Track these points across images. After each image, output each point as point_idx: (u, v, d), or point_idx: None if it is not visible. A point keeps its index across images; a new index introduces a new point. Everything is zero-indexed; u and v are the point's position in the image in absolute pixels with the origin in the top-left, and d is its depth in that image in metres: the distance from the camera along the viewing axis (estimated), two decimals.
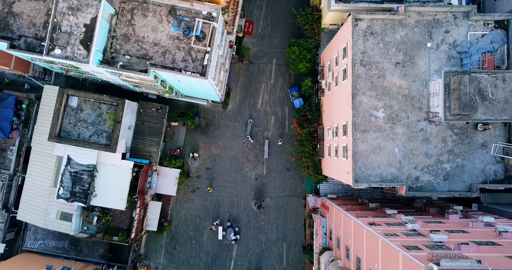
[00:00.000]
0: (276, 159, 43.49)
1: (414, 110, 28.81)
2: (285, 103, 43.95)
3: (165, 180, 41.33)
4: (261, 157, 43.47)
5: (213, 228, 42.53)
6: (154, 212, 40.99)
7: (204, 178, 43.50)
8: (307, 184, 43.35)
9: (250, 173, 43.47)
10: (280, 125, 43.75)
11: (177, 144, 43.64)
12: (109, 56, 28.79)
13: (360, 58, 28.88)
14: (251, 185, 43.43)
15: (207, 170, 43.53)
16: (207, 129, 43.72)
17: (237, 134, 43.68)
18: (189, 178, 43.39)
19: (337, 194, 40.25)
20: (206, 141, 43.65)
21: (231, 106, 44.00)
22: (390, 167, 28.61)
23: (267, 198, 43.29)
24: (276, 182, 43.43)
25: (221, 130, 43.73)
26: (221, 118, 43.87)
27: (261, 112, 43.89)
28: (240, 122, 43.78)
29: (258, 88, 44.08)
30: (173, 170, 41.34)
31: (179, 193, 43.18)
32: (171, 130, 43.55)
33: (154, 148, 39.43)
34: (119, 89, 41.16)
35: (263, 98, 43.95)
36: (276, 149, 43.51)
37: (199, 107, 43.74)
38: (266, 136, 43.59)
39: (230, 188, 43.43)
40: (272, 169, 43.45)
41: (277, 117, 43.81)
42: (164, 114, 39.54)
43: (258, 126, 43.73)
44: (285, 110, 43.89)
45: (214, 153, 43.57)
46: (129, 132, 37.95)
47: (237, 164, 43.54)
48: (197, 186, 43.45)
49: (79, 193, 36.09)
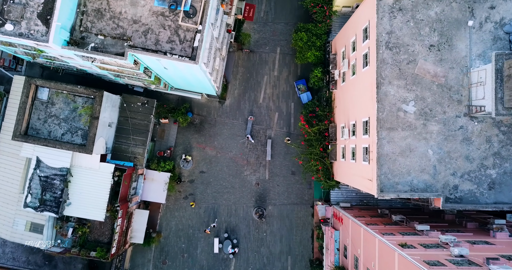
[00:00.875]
0: (280, 162, 38.17)
1: (452, 104, 23.49)
2: (290, 98, 38.61)
3: (153, 185, 36.04)
4: (263, 159, 38.15)
5: (207, 232, 37.21)
6: (140, 222, 35.68)
7: (198, 183, 38.18)
8: (315, 190, 38.04)
9: (250, 177, 38.16)
10: (285, 122, 38.42)
11: (167, 144, 38.34)
12: (78, 35, 23.48)
13: (386, 40, 23.56)
14: (251, 191, 38.12)
15: (202, 174, 38.23)
16: (201, 127, 38.40)
17: (235, 133, 38.37)
18: (181, 183, 38.07)
19: (350, 202, 34.92)
20: (200, 140, 38.35)
21: (229, 101, 38.68)
22: (423, 174, 23.29)
23: (270, 206, 37.97)
24: (280, 188, 38.11)
25: (217, 128, 38.41)
26: (218, 114, 38.55)
27: (263, 108, 38.56)
28: (239, 119, 38.47)
29: (260, 81, 38.74)
30: (162, 174, 36.03)
31: (169, 200, 37.88)
32: (161, 128, 38.26)
33: (140, 149, 34.12)
34: (102, 82, 35.86)
35: (266, 92, 38.63)
36: (281, 150, 38.19)
37: (193, 102, 38.44)
38: (269, 136, 38.28)
39: (228, 194, 38.12)
40: (276, 173, 38.13)
41: (282, 114, 38.48)
42: (151, 109, 34.22)
43: (259, 124, 38.41)
44: (291, 106, 38.55)
45: (210, 155, 38.26)
46: (109, 130, 32.65)
47: (236, 167, 38.23)
48: (190, 192, 38.14)
49: (50, 201, 30.78)
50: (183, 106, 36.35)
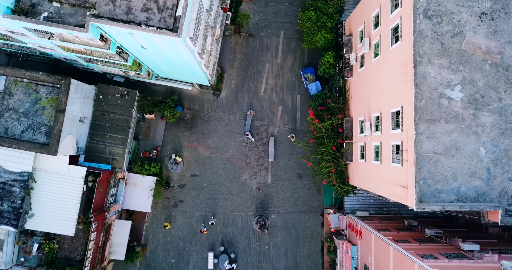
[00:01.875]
0: (285, 163, 32.88)
1: (510, 88, 18.24)
2: (296, 89, 33.34)
3: (136, 191, 30.73)
4: (265, 161, 32.87)
5: (204, 231, 31.96)
6: (121, 234, 30.36)
7: (189, 188, 32.88)
8: (325, 196, 32.77)
9: (250, 181, 32.87)
10: (290, 118, 33.13)
11: (154, 143, 33.04)
12: (27, 2, 18.19)
13: (424, 6, 18.30)
14: (251, 197, 32.83)
15: (194, 177, 32.92)
16: (193, 123, 33.10)
17: (233, 130, 33.09)
18: (170, 189, 32.77)
19: (367, 210, 29.66)
20: (192, 139, 33.05)
21: (225, 93, 33.40)
22: (473, 178, 18.02)
23: (273, 215, 32.68)
24: (285, 194, 32.81)
25: (211, 125, 33.13)
26: (212, 109, 33.27)
27: (265, 101, 33.27)
28: (237, 114, 33.19)
29: (261, 69, 33.47)
30: (147, 178, 30.74)
31: (156, 208, 32.59)
32: (146, 125, 32.97)
33: (119, 149, 28.81)
34: (77, 71, 30.56)
35: (268, 83, 33.36)
36: (285, 149, 32.90)
37: (183, 94, 33.15)
38: (272, 133, 33.00)
39: (224, 201, 32.82)
40: (280, 176, 32.85)
41: (286, 108, 33.20)
42: (132, 102, 28.91)
43: (260, 120, 33.14)
44: (297, 98, 33.28)
45: (203, 155, 32.98)
46: (81, 127, 27.34)
47: (233, 170, 32.95)
48: (180, 199, 32.84)
49: (8, 213, 25.46)
50: (171, 98, 31.04)
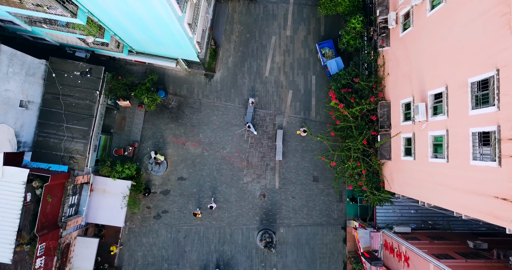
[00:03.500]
0: (296, 163, 25.86)
1: None
2: (310, 68, 26.32)
3: (105, 200, 23.72)
4: (271, 160, 25.89)
5: (198, 214, 24.93)
6: (86, 256, 23.35)
7: (175, 194, 25.87)
8: (348, 205, 25.77)
9: (252, 186, 25.87)
10: (302, 105, 26.13)
11: (130, 138, 26.04)
12: None
13: None
14: (254, 206, 25.84)
15: (181, 181, 25.93)
16: (180, 112, 26.11)
17: (230, 121, 26.10)
18: (151, 196, 25.78)
19: (406, 223, 22.63)
20: (178, 133, 26.06)
21: (220, 73, 26.38)
22: None
23: (282, 228, 25.68)
24: (297, 202, 25.80)
25: (203, 114, 26.13)
26: (204, 94, 26.26)
27: (271, 83, 26.28)
28: (236, 101, 26.20)
29: (266, 44, 26.46)
30: (119, 183, 23.76)
31: (133, 220, 25.60)
32: (120, 114, 25.96)
33: (79, 144, 21.82)
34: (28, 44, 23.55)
35: (274, 61, 26.35)
36: (297, 145, 25.89)
37: (167, 75, 26.16)
38: (279, 125, 26.01)
39: (220, 211, 25.81)
40: (289, 179, 25.85)
41: (297, 92, 26.20)
42: (96, 82, 21.90)
43: (265, 108, 26.15)
44: (311, 80, 26.27)
45: (192, 153, 25.98)
46: (24, 114, 20.35)
47: (231, 172, 25.95)
48: (163, 209, 25.83)
49: None
50: (149, 77, 23.96)
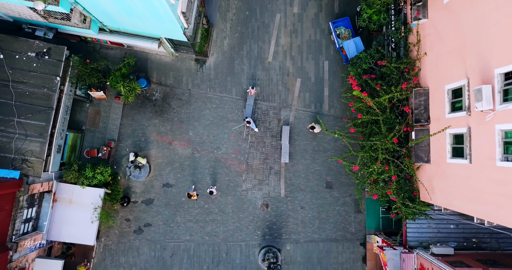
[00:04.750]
0: (306, 166, 21.45)
1: None
2: (322, 52, 21.90)
3: (72, 212, 19.30)
4: (275, 162, 21.48)
5: (193, 195, 20.32)
6: None
7: (159, 204, 21.46)
8: (368, 216, 21.36)
9: (252, 193, 21.47)
10: (313, 96, 21.71)
11: (106, 136, 21.62)
12: None
13: None
14: (255, 218, 21.42)
15: (167, 188, 21.51)
16: (165, 106, 21.70)
17: (226, 115, 21.69)
18: (130, 206, 21.38)
19: (445, 241, 18.20)
20: (163, 130, 21.65)
21: (214, 58, 21.96)
22: None
23: (288, 245, 21.26)
24: (307, 213, 21.39)
25: (194, 108, 21.71)
26: (194, 83, 21.84)
27: (275, 70, 21.85)
28: (233, 91, 21.79)
29: (269, 23, 22.04)
30: (90, 192, 19.32)
31: (109, 235, 21.20)
32: (93, 108, 21.55)
33: (35, 144, 17.40)
34: None
35: (279, 43, 21.92)
36: (306, 144, 21.50)
37: (150, 61, 21.75)
38: (285, 120, 21.60)
39: (213, 224, 21.39)
40: (297, 185, 21.44)
41: (307, 81, 21.77)
42: (57, 65, 17.46)
43: (268, 100, 21.74)
44: (323, 66, 21.85)
45: (181, 155, 21.56)
46: None
47: (227, 176, 21.53)
48: (146, 221, 21.41)
49: None
50: (124, 61, 19.45)
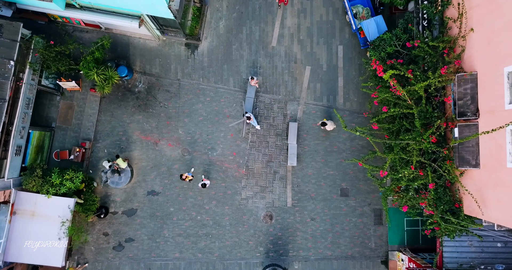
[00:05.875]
0: (317, 170, 18.09)
1: None
2: (335, 35, 18.53)
3: (34, 227, 15.91)
4: (280, 165, 18.11)
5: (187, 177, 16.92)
6: None
7: (144, 215, 18.10)
8: (391, 229, 18.02)
9: (254, 203, 18.09)
10: (324, 86, 18.34)
11: (80, 135, 18.25)
12: None
13: None
14: (257, 231, 18.04)
15: (152, 196, 18.14)
16: (150, 99, 18.34)
17: (222, 110, 18.32)
18: (108, 217, 18.01)
19: (491, 262, 14.86)
20: (148, 127, 18.28)
21: (208, 43, 18.58)
22: None
23: (296, 264, 17.90)
24: (318, 225, 18.03)
25: (184, 101, 18.35)
26: (185, 72, 18.47)
27: (280, 57, 18.48)
28: (230, 81, 18.42)
29: (272, 1, 18.61)
30: (56, 202, 15.93)
31: (83, 252, 17.84)
32: (65, 102, 18.19)
33: None
34: None
35: (284, 25, 18.55)
36: (317, 144, 18.13)
37: (132, 46, 18.40)
38: (292, 115, 18.25)
39: (208, 239, 18.02)
40: (307, 193, 18.06)
41: (318, 69, 18.40)
42: (11, 47, 14.08)
43: (272, 91, 18.37)
44: (337, 51, 18.49)
45: (168, 157, 18.19)
46: None
47: (224, 183, 18.15)
48: (127, 236, 18.04)
49: None
50: (98, 43, 16.01)
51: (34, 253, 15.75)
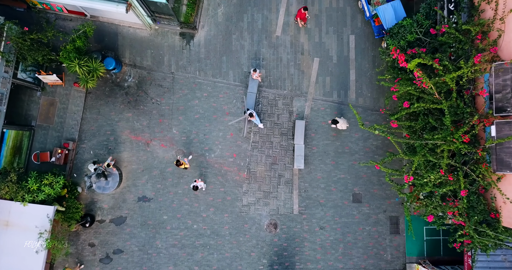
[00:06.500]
0: (327, 173, 16.25)
1: None
2: (346, 23, 16.69)
3: (9, 239, 14.08)
4: (286, 168, 16.26)
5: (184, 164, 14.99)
6: None
7: (133, 224, 16.28)
8: (408, 239, 16.19)
9: (256, 210, 16.24)
10: (335, 80, 16.51)
11: (63, 134, 16.43)
12: None
13: None
14: (260, 242, 16.19)
15: (143, 203, 16.30)
16: (141, 94, 16.52)
17: (220, 107, 16.48)
18: (94, 226, 16.18)
19: None
20: (139, 126, 16.46)
21: (205, 32, 16.74)
22: None
23: None
24: (327, 235, 16.18)
25: (178, 97, 16.51)
26: (179, 65, 16.64)
27: (285, 47, 16.63)
28: (229, 75, 16.58)
29: None
30: (33, 210, 14.09)
31: (66, 265, 15.99)
32: (47, 97, 16.37)
33: None
34: None
35: (289, 12, 16.69)
36: (327, 145, 16.30)
37: (121, 36, 16.58)
38: (299, 113, 16.40)
39: (206, 250, 16.18)
40: (315, 199, 16.22)
41: (327, 61, 16.56)
42: None
43: (276, 86, 16.53)
44: (348, 41, 16.64)
45: (161, 159, 16.35)
46: None
47: (223, 187, 16.32)
48: (115, 247, 16.20)
49: None
50: (80, 30, 14.14)
51: (9, 268, 13.91)
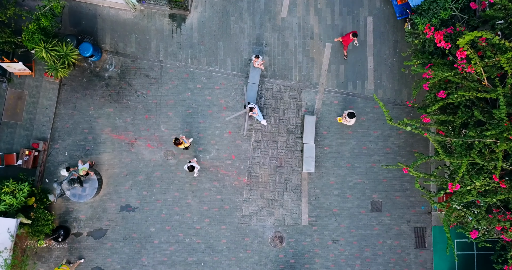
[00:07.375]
0: (341, 177, 13.91)
1: None
2: (363, 3, 14.34)
3: None
4: (293, 172, 13.92)
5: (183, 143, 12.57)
6: None
7: (116, 238, 13.90)
8: (436, 255, 13.83)
9: (259, 221, 13.88)
10: (350, 69, 14.17)
11: (32, 133, 14.05)
12: None
13: None
14: (263, 257, 13.83)
15: (126, 213, 13.93)
16: (124, 86, 14.16)
17: (217, 100, 14.13)
18: (69, 240, 13.80)
19: None
20: (121, 123, 14.09)
21: (199, 13, 14.39)
22: None
23: None
24: (341, 249, 13.83)
25: (167, 89, 14.16)
26: (169, 51, 14.27)
27: (291, 31, 14.29)
28: (227, 63, 14.23)
29: None
30: None
31: None
32: (13, 90, 13.99)
33: None
34: None
35: None
36: (341, 144, 13.96)
37: (101, 18, 14.22)
38: (308, 107, 14.06)
39: (200, 267, 13.81)
40: (328, 208, 13.88)
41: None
42: None
43: (281, 76, 14.19)
44: (365, 23, 14.30)
45: (148, 161, 13.99)
46: None
47: (220, 194, 13.96)
48: (95, 264, 13.82)
49: None
50: (45, 6, 11.76)
51: None
